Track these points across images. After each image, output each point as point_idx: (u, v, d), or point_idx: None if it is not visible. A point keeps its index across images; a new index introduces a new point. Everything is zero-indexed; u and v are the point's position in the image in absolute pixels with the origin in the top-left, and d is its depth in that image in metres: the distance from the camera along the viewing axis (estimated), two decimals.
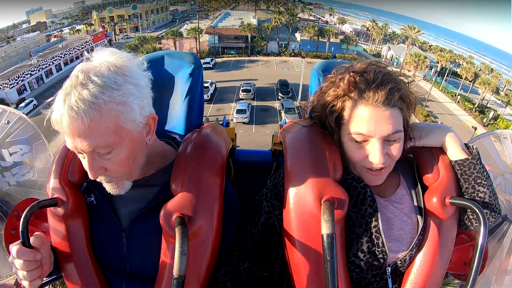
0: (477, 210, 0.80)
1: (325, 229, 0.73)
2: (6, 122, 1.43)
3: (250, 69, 39.13)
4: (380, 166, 0.85)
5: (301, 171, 0.88)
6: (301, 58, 39.68)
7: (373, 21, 53.20)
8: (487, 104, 34.33)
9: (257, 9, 69.36)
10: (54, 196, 0.92)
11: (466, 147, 0.93)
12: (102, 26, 53.76)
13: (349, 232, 0.88)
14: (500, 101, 37.24)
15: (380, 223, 0.87)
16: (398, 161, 0.91)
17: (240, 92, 29.07)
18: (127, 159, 0.81)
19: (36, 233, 0.86)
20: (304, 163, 0.90)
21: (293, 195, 0.87)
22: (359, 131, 0.84)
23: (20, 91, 30.89)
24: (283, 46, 45.97)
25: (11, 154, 1.44)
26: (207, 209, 0.85)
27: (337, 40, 47.42)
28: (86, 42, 42.32)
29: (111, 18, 57.24)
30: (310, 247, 0.84)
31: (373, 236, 0.87)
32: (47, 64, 35.15)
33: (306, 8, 69.91)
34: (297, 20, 51.23)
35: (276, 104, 28.06)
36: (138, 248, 0.91)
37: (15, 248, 0.80)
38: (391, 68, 0.90)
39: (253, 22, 46.86)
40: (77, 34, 51.04)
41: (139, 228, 0.91)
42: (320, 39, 45.17)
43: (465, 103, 32.42)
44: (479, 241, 0.77)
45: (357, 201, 0.89)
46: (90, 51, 0.82)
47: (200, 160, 0.91)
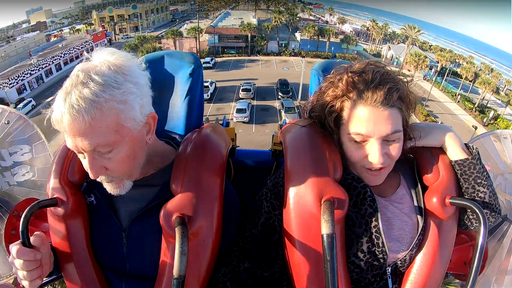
0: (477, 210, 0.80)
1: (325, 229, 0.73)
2: (6, 122, 1.43)
3: (250, 68, 39.08)
4: (380, 166, 0.85)
5: (301, 171, 0.88)
6: (301, 58, 39.65)
7: (373, 21, 53.16)
8: (487, 104, 34.31)
9: (257, 9, 69.30)
10: (54, 196, 0.92)
11: (466, 147, 0.93)
12: (102, 25, 53.77)
13: (349, 232, 0.88)
14: (500, 101, 37.22)
15: (380, 223, 0.87)
16: (398, 161, 0.91)
17: (240, 92, 29.04)
18: (127, 158, 0.81)
19: (36, 232, 0.86)
20: (304, 163, 0.89)
21: (293, 195, 0.87)
22: (358, 131, 0.84)
23: (20, 91, 30.84)
24: (283, 45, 45.93)
25: (11, 154, 1.44)
26: (207, 209, 0.85)
27: (337, 40, 47.37)
28: (86, 41, 42.31)
29: (111, 17, 57.24)
30: (310, 247, 0.84)
31: (373, 236, 0.87)
32: (47, 63, 35.11)
33: (306, 8, 69.90)
34: (297, 19, 51.19)
35: (276, 104, 28.04)
36: (138, 248, 0.91)
37: (15, 248, 0.80)
38: (390, 67, 0.90)
39: (253, 21, 46.82)
40: (77, 34, 51.07)
41: (139, 228, 0.91)
42: (320, 38, 45.13)
43: (465, 103, 32.39)
44: (479, 241, 0.77)
45: (357, 201, 0.89)
46: (90, 50, 0.82)
47: (200, 160, 0.91)
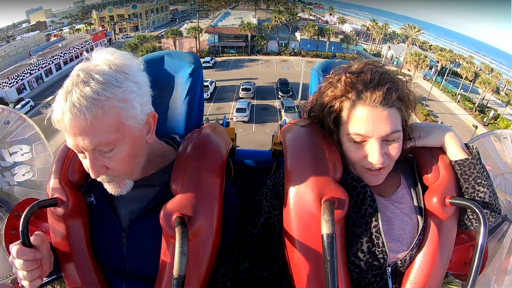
0: (477, 210, 0.80)
1: (325, 229, 0.73)
2: (6, 122, 1.43)
3: (250, 68, 39.08)
4: (379, 166, 0.85)
5: (301, 171, 0.88)
6: (301, 57, 39.64)
7: (373, 21, 53.12)
8: (487, 103, 34.32)
9: (257, 9, 69.27)
10: (54, 196, 0.92)
11: (466, 147, 0.93)
12: (102, 25, 53.76)
13: (349, 232, 0.88)
14: (500, 100, 37.24)
15: (380, 223, 0.87)
16: (398, 161, 0.91)
17: (240, 91, 29.03)
18: (128, 157, 0.81)
19: (36, 232, 0.86)
20: (304, 163, 0.89)
21: (293, 195, 0.86)
22: (357, 131, 0.84)
23: (19, 90, 30.83)
24: (283, 45, 45.92)
25: (11, 154, 1.44)
26: (207, 209, 0.85)
27: (337, 40, 47.38)
28: (86, 41, 42.32)
29: (111, 17, 57.24)
30: (310, 247, 0.84)
31: (373, 236, 0.87)
32: (46, 63, 35.11)
33: (306, 8, 69.85)
34: (297, 19, 51.16)
35: (276, 103, 28.04)
36: (138, 248, 0.91)
37: (15, 248, 0.81)
38: (389, 67, 0.90)
39: (253, 21, 46.80)
40: (77, 34, 51.08)
41: (139, 228, 0.91)
42: (320, 38, 45.12)
43: (465, 102, 32.39)
44: (479, 241, 0.77)
45: (357, 201, 0.89)
46: (89, 50, 0.82)
47: (200, 160, 0.91)
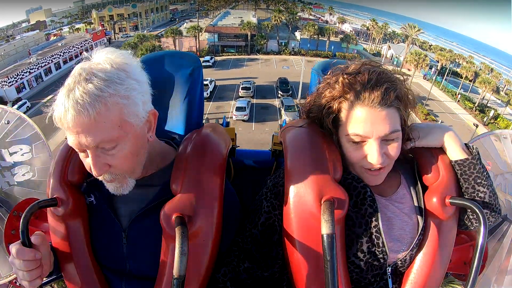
0: (477, 210, 0.80)
1: (325, 229, 0.73)
2: (6, 122, 1.43)
3: (250, 67, 39.08)
4: (379, 166, 0.85)
5: (301, 171, 0.88)
6: (301, 57, 39.61)
7: (373, 20, 53.08)
8: (487, 103, 34.34)
9: (257, 8, 69.18)
10: (54, 196, 0.92)
11: (466, 147, 0.93)
12: (102, 24, 53.63)
13: (349, 232, 0.88)
14: (500, 100, 37.26)
15: (380, 223, 0.87)
16: (399, 160, 0.90)
17: (240, 90, 29.04)
18: (131, 154, 0.81)
19: (36, 232, 0.86)
20: (304, 163, 0.89)
21: (293, 195, 0.86)
22: (356, 132, 0.84)
23: (19, 89, 30.79)
24: (283, 44, 45.90)
25: (11, 154, 1.44)
26: (207, 209, 0.85)
27: (337, 39, 47.35)
28: (86, 40, 42.25)
29: (111, 17, 57.13)
30: (310, 247, 0.84)
31: (373, 236, 0.87)
32: (46, 62, 35.06)
33: (306, 8, 69.71)
34: (297, 18, 51.12)
35: (276, 102, 28.06)
36: (138, 248, 0.91)
37: (15, 248, 0.81)
38: (386, 66, 0.90)
39: (253, 20, 46.76)
40: (76, 33, 51.00)
41: (139, 228, 0.91)
42: (320, 37, 45.09)
43: (466, 102, 32.41)
44: (479, 241, 0.77)
45: (357, 201, 0.89)
46: (89, 49, 0.82)
47: (200, 160, 0.91)
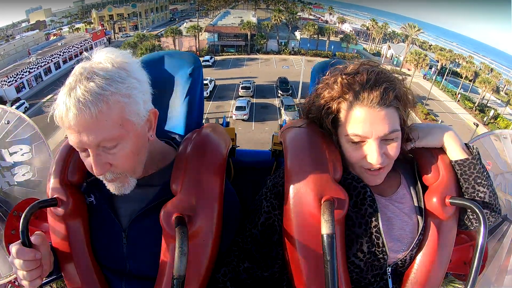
0: (477, 210, 0.80)
1: (325, 229, 0.73)
2: (6, 122, 1.43)
3: (249, 67, 39.09)
4: (378, 166, 0.85)
5: (301, 171, 0.88)
6: (301, 56, 39.61)
7: (373, 20, 53.07)
8: (487, 103, 34.36)
9: (257, 8, 69.12)
10: (54, 196, 0.92)
11: (467, 147, 0.93)
12: (102, 24, 53.62)
13: (349, 232, 0.88)
14: (500, 100, 37.28)
15: (380, 223, 0.87)
16: (399, 160, 0.90)
17: (240, 89, 29.04)
18: (132, 153, 0.81)
19: (36, 232, 0.86)
20: (304, 163, 0.89)
21: (293, 195, 0.86)
22: (355, 132, 0.84)
23: (18, 89, 30.79)
24: (283, 44, 45.89)
25: (11, 154, 1.44)
26: (207, 209, 0.85)
27: (337, 39, 47.35)
28: (85, 40, 42.24)
29: (111, 16, 57.10)
30: (310, 247, 0.84)
31: (373, 236, 0.87)
32: (46, 62, 35.08)
33: (306, 8, 69.67)
34: (297, 18, 51.10)
35: (276, 102, 28.08)
36: (138, 248, 0.91)
37: (15, 248, 0.81)
38: (385, 66, 0.90)
39: (252, 20, 46.74)
40: (76, 33, 50.97)
41: (139, 228, 0.91)
42: (320, 37, 45.09)
43: (465, 102, 32.43)
44: (479, 241, 0.77)
45: (357, 201, 0.89)
46: (89, 49, 0.83)
47: (200, 160, 0.91)
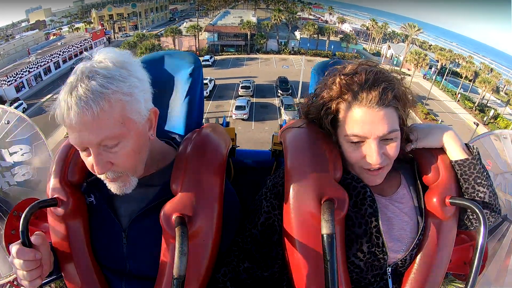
0: (477, 210, 0.80)
1: (325, 229, 0.73)
2: (6, 122, 1.43)
3: (249, 66, 39.11)
4: (378, 166, 0.85)
5: (301, 171, 0.88)
6: (301, 56, 39.60)
7: (373, 20, 53.07)
8: (487, 103, 34.39)
9: (257, 8, 69.05)
10: (54, 196, 0.92)
11: (467, 147, 0.93)
12: (101, 24, 53.55)
13: (349, 232, 0.88)
14: (500, 100, 37.31)
15: (380, 223, 0.87)
16: (399, 160, 0.90)
17: (240, 89, 29.05)
18: (133, 151, 0.81)
19: (37, 232, 0.86)
20: (304, 162, 0.89)
21: (293, 195, 0.86)
22: (354, 132, 0.84)
23: (18, 88, 30.77)
24: (283, 44, 45.89)
25: (11, 154, 1.44)
26: (207, 209, 0.85)
27: (337, 39, 47.36)
28: (85, 40, 42.14)
29: (110, 16, 57.04)
30: (310, 247, 0.84)
31: (373, 236, 0.87)
32: (45, 61, 35.05)
33: (305, 7, 69.63)
34: (296, 18, 51.09)
35: (276, 101, 28.10)
36: (138, 248, 0.91)
37: (15, 248, 0.80)
38: (382, 65, 0.90)
39: (252, 20, 46.71)
40: (76, 32, 50.93)
41: (139, 228, 0.91)
42: (320, 37, 45.08)
43: (465, 101, 32.45)
44: (479, 241, 0.77)
45: (356, 201, 0.89)
46: (88, 48, 0.83)
47: (200, 160, 0.91)
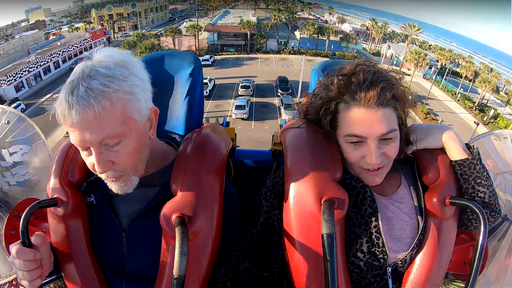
0: (477, 210, 0.80)
1: (325, 229, 0.73)
2: (6, 122, 1.43)
3: (249, 66, 39.12)
4: (377, 166, 0.85)
5: (301, 171, 0.88)
6: (301, 55, 39.61)
7: (373, 20, 53.05)
8: (487, 103, 34.40)
9: (257, 8, 69.00)
10: (54, 196, 0.92)
11: (467, 147, 0.93)
12: (101, 24, 53.49)
13: (349, 232, 0.88)
14: (500, 100, 37.33)
15: (380, 223, 0.87)
16: (399, 160, 0.90)
17: (239, 89, 29.06)
18: (134, 150, 0.81)
19: (37, 232, 0.86)
20: (304, 163, 0.89)
21: (293, 195, 0.86)
22: (353, 132, 0.84)
23: (18, 88, 30.76)
24: (283, 44, 45.89)
25: (11, 154, 1.44)
26: (207, 209, 0.85)
27: (337, 38, 47.36)
28: (85, 39, 42.06)
29: (110, 16, 56.97)
30: (310, 247, 0.84)
31: (373, 236, 0.87)
32: (45, 61, 35.05)
33: (305, 7, 69.59)
34: (296, 18, 51.07)
35: (276, 101, 28.11)
36: (138, 248, 0.91)
37: (15, 248, 0.80)
38: (381, 65, 0.90)
39: (252, 19, 46.71)
40: (75, 32, 50.90)
41: (139, 228, 0.91)
42: (319, 37, 45.08)
43: (465, 101, 32.46)
44: (479, 241, 0.77)
45: (356, 201, 0.89)
46: (88, 48, 0.83)
47: (200, 160, 0.91)
